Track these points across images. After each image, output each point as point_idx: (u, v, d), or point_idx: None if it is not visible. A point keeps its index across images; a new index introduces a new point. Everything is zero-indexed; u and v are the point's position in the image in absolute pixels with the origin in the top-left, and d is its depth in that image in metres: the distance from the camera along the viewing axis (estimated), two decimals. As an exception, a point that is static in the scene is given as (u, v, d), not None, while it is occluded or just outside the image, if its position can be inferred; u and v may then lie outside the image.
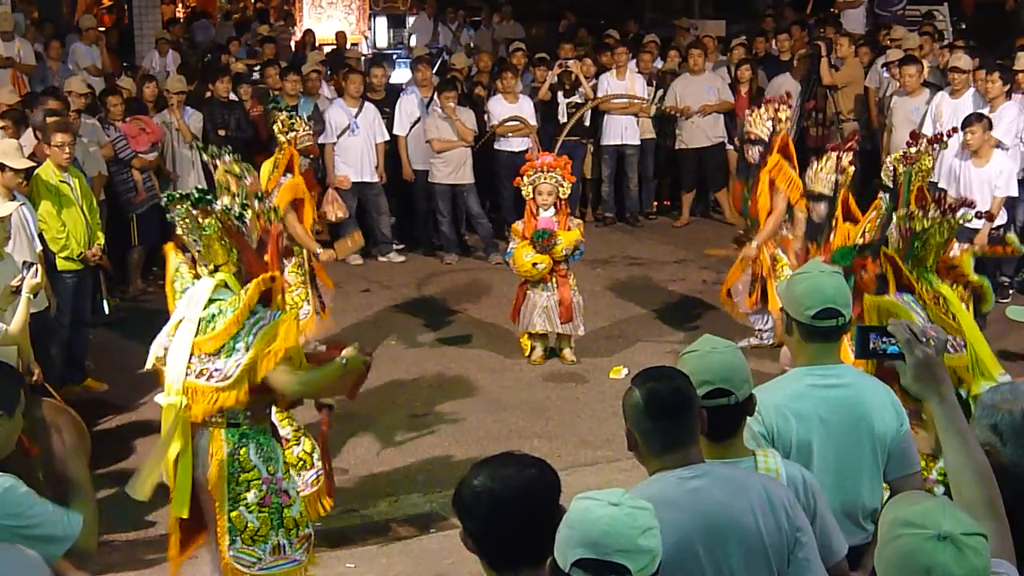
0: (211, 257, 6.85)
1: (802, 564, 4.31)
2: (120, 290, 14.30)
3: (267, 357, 6.61)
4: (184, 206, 6.79)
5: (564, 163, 12.12)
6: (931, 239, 7.40)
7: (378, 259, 16.31)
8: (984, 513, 3.62)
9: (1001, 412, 4.50)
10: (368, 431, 10.54)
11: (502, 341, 12.85)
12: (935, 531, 3.04)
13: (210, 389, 6.67)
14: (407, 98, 16.64)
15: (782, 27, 21.18)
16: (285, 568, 6.96)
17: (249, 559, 6.85)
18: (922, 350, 3.80)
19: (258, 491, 6.81)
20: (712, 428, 4.48)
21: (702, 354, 4.65)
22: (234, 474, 6.81)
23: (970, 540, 3.04)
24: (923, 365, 3.80)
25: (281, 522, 6.88)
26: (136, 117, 14.73)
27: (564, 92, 17.57)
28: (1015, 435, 4.47)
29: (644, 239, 17.61)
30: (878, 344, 3.93)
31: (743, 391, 4.58)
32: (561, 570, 3.35)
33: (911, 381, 3.83)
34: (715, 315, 13.64)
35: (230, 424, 6.81)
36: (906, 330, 3.84)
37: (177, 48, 21.45)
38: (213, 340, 6.69)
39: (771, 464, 4.64)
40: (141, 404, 11.12)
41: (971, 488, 3.68)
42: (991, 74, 13.95)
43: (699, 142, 17.89)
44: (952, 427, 3.80)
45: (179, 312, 6.86)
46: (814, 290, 5.17)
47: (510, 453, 3.86)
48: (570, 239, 11.74)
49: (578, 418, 10.93)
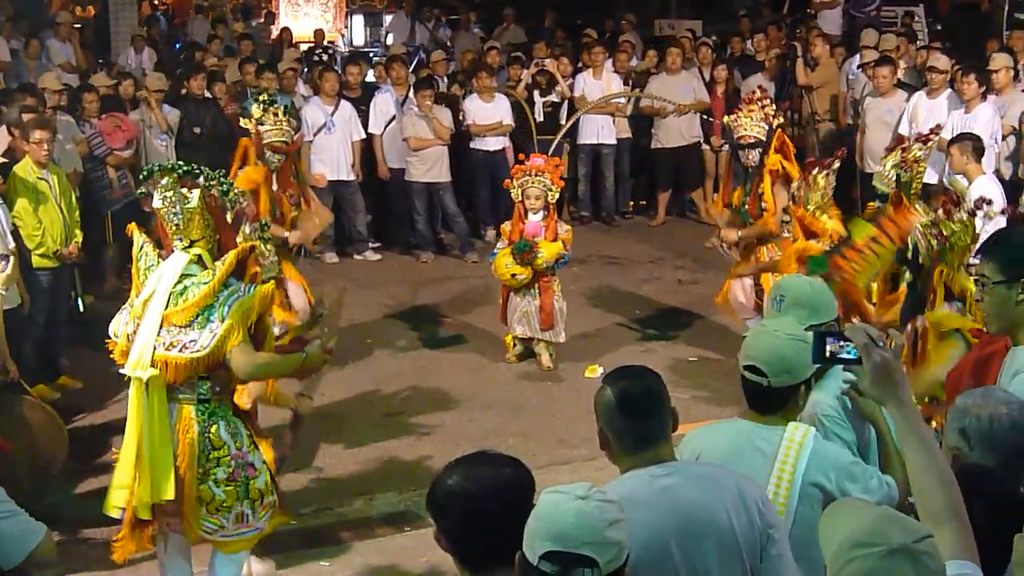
0: (188, 231, 6.86)
1: (775, 561, 4.33)
2: (95, 287, 14.25)
3: (237, 329, 6.64)
4: (171, 178, 6.81)
5: (554, 166, 12.05)
6: (959, 243, 7.38)
7: (354, 257, 16.31)
8: (946, 516, 3.61)
9: (970, 417, 4.53)
10: (343, 429, 10.53)
11: (478, 340, 12.86)
12: (887, 547, 3.03)
13: (183, 360, 6.68)
14: (382, 96, 16.64)
15: (758, 27, 21.24)
16: (248, 536, 7.03)
17: (211, 526, 6.90)
18: (879, 354, 3.78)
19: (227, 467, 6.85)
20: (748, 400, 4.97)
21: (762, 332, 5.02)
22: (205, 451, 6.83)
23: (922, 546, 3.04)
24: (881, 369, 3.78)
25: (247, 493, 6.91)
26: (111, 114, 14.67)
27: (540, 91, 17.57)
28: (981, 440, 4.50)
29: (620, 238, 17.64)
30: (835, 349, 3.92)
31: (780, 379, 4.84)
32: (529, 563, 3.37)
33: (869, 385, 3.82)
34: (690, 314, 13.69)
35: (200, 401, 6.83)
36: (863, 334, 3.83)
37: (154, 45, 21.39)
38: (185, 311, 6.70)
39: (796, 436, 4.87)
40: (116, 401, 11.07)
41: (934, 491, 3.67)
42: (967, 75, 13.99)
43: (675, 142, 17.93)
44: (912, 431, 3.78)
45: (149, 287, 6.86)
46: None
47: (484, 452, 3.88)
48: (551, 252, 11.67)
49: (554, 417, 10.94)
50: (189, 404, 6.83)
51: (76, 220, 11.60)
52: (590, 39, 19.87)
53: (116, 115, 14.71)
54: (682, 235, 17.56)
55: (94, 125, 14.29)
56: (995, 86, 14.37)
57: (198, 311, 6.71)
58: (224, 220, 7.00)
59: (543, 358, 12.13)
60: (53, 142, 11.54)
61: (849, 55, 18.55)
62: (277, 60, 18.27)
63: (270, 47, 23.23)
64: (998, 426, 4.50)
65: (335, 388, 11.00)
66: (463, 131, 16.82)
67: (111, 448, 10.17)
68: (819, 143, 17.27)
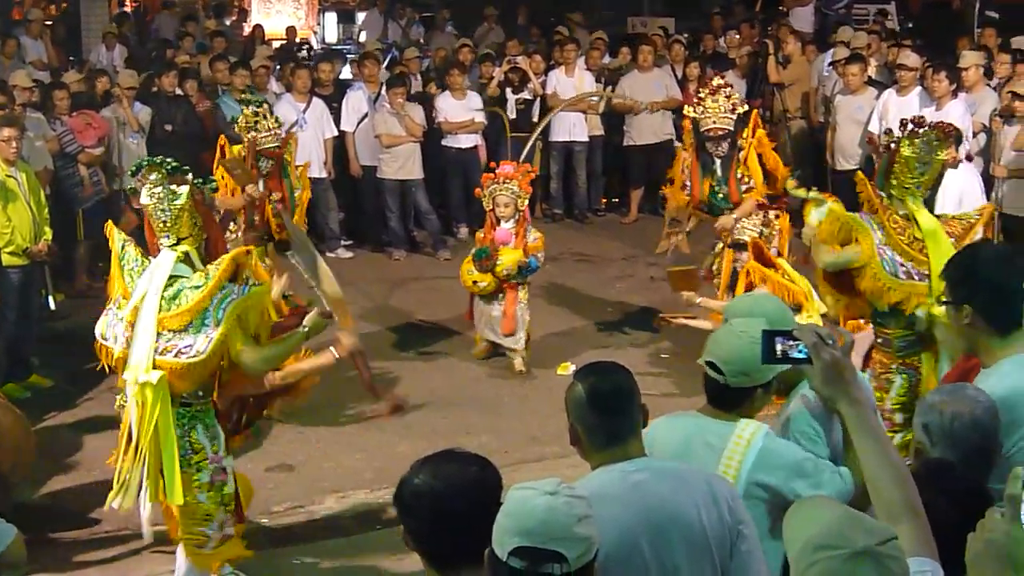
0: (176, 228, 6.84)
1: (745, 557, 4.33)
2: (66, 286, 14.20)
3: (235, 332, 6.64)
4: (161, 174, 6.79)
5: (523, 173, 12.04)
6: (902, 152, 7.77)
7: (326, 255, 16.20)
8: (903, 513, 3.62)
9: (934, 413, 4.56)
10: (315, 427, 10.52)
11: (450, 338, 12.86)
12: (850, 549, 3.02)
13: (179, 365, 6.67)
14: (354, 94, 16.63)
15: (731, 25, 21.27)
16: (225, 545, 7.08)
17: (199, 540, 6.91)
18: (829, 353, 3.79)
19: (207, 471, 6.86)
20: (707, 395, 5.02)
21: (727, 330, 5.05)
22: (186, 456, 6.83)
23: (886, 548, 3.03)
24: (831, 368, 3.79)
25: (222, 500, 6.93)
26: (82, 112, 14.61)
27: (513, 89, 17.56)
28: (943, 437, 4.53)
29: (592, 236, 17.65)
30: (785, 348, 3.91)
31: (736, 380, 4.88)
32: (499, 559, 3.37)
33: (820, 385, 3.84)
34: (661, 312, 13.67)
35: (183, 404, 6.82)
36: (813, 334, 3.84)
37: (125, 43, 21.30)
38: (180, 316, 6.70)
39: (745, 434, 4.89)
40: (87, 400, 11.07)
41: (890, 490, 3.67)
42: (937, 73, 14.03)
43: (647, 139, 17.93)
44: (865, 428, 3.79)
45: (140, 289, 6.84)
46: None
47: (451, 451, 3.86)
48: (510, 259, 11.62)
49: (526, 414, 10.96)
50: (173, 407, 6.83)
51: (45, 218, 11.54)
52: (562, 36, 19.86)
53: (87, 113, 14.65)
54: (654, 232, 17.37)
55: (65, 123, 14.21)
56: (965, 84, 14.42)
57: (192, 317, 6.70)
58: (212, 218, 7.02)
59: (516, 362, 12.10)
60: (21, 140, 11.49)
61: (821, 53, 18.59)
62: (249, 57, 18.21)
63: (242, 44, 23.18)
64: (959, 425, 4.53)
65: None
66: (435, 128, 16.79)
67: (82, 447, 10.19)
68: (791, 140, 17.32)
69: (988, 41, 17.81)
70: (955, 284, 5.15)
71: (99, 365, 7.24)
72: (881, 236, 7.68)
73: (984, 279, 5.01)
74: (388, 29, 25.27)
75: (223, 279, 6.73)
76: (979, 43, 17.64)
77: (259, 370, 6.94)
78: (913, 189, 7.79)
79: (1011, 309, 5.02)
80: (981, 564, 3.03)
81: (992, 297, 4.98)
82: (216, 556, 7.13)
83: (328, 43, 27.93)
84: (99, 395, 10.98)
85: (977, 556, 3.04)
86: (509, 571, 3.36)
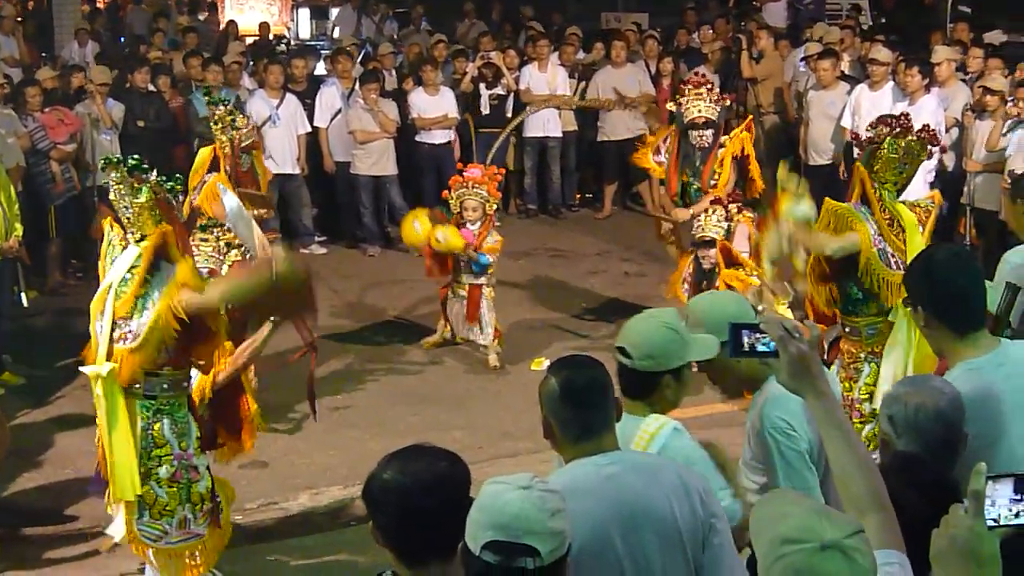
0: (139, 226, 6.80)
1: (717, 550, 4.33)
2: (38, 282, 14.16)
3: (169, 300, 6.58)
4: (121, 171, 6.76)
5: (491, 177, 12.05)
6: (885, 150, 7.91)
7: (300, 251, 16.21)
8: (870, 505, 3.61)
9: (899, 405, 4.58)
10: (288, 423, 10.49)
11: (424, 334, 12.82)
12: (818, 543, 2.99)
13: (124, 351, 6.65)
14: (327, 90, 16.59)
15: (704, 20, 21.29)
16: (189, 543, 6.99)
17: (155, 532, 6.88)
18: (796, 346, 3.77)
19: (169, 467, 6.83)
20: (619, 383, 4.84)
21: (639, 316, 5.05)
22: (147, 449, 6.80)
23: (853, 541, 3.01)
24: (798, 361, 3.77)
25: (188, 497, 6.89)
26: (55, 108, 14.56)
27: (486, 84, 17.56)
28: (907, 429, 4.55)
29: (566, 231, 17.65)
30: (752, 341, 3.88)
31: (643, 363, 4.83)
32: (472, 554, 3.37)
33: (786, 378, 3.81)
34: (636, 307, 13.65)
35: (146, 396, 6.79)
36: (779, 327, 3.81)
37: (97, 39, 21.23)
38: (124, 303, 6.68)
39: (651, 428, 4.83)
40: (59, 397, 11.04)
41: (856, 482, 3.66)
42: (910, 68, 14.09)
43: (621, 134, 17.90)
44: (831, 422, 3.77)
45: (106, 281, 6.84)
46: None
47: (420, 446, 3.85)
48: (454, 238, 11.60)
49: (500, 410, 10.96)
50: (136, 399, 6.80)
51: (16, 214, 11.46)
52: (535, 32, 19.86)
53: (59, 109, 14.60)
54: (628, 228, 17.57)
55: (37, 119, 14.14)
56: (938, 79, 14.47)
57: (135, 299, 6.68)
58: (175, 216, 6.95)
59: (490, 358, 12.11)
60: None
61: (794, 48, 18.62)
62: (222, 54, 18.16)
63: (215, 40, 23.11)
64: (923, 416, 4.55)
65: (280, 382, 10.93)
66: (409, 124, 16.78)
67: (54, 445, 10.17)
68: (764, 136, 17.34)
69: (961, 36, 17.87)
70: (912, 286, 5.19)
71: (71, 362, 7.22)
72: (875, 227, 7.79)
73: (938, 280, 5.01)
74: (362, 25, 25.23)
75: (149, 260, 6.69)
76: (952, 38, 17.70)
77: (224, 298, 6.70)
78: (891, 186, 7.96)
79: (966, 310, 5.03)
80: (945, 560, 3.04)
81: (947, 299, 4.98)
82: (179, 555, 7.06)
83: (301, 39, 27.86)
84: (71, 392, 10.95)
85: (941, 552, 3.05)
86: (482, 565, 3.36)
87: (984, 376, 4.90)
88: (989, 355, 4.97)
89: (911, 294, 5.19)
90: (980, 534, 2.98)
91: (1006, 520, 3.00)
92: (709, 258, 10.29)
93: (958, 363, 4.98)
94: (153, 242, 6.69)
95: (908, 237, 7.84)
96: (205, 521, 7.00)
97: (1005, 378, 4.93)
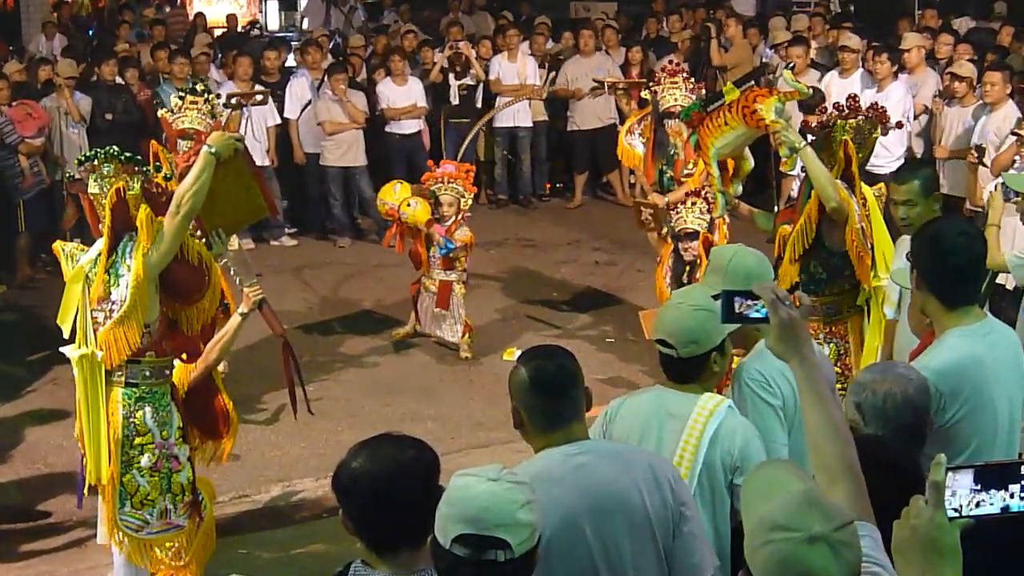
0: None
1: (687, 538, 4.35)
2: (7, 277, 14.10)
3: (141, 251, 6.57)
4: (113, 164, 6.73)
5: (466, 172, 12.07)
6: (836, 133, 8.10)
7: (270, 243, 16.19)
8: (841, 472, 3.65)
9: (866, 392, 4.63)
10: (260, 415, 10.49)
11: (395, 324, 12.81)
12: (806, 534, 3.00)
13: (110, 328, 6.62)
14: (297, 81, 16.54)
15: (672, 8, 21.30)
16: (170, 533, 7.00)
17: (136, 522, 6.87)
18: (786, 311, 3.82)
19: (151, 456, 6.81)
20: (664, 371, 5.06)
21: (667, 305, 5.14)
22: (129, 437, 6.79)
23: (841, 535, 3.01)
24: (787, 326, 3.81)
25: (169, 487, 6.89)
26: (23, 102, 14.47)
27: (455, 74, 17.53)
28: (875, 416, 4.59)
29: (537, 221, 17.64)
30: (744, 308, 3.93)
31: (687, 350, 4.91)
32: (442, 547, 3.37)
33: (775, 342, 3.86)
34: (607, 296, 13.73)
35: (128, 384, 6.77)
36: (770, 291, 3.86)
37: (64, 32, 21.12)
38: (99, 283, 6.65)
39: (708, 405, 4.93)
40: (29, 392, 10.99)
41: (828, 447, 3.71)
42: (879, 55, 14.14)
43: (591, 124, 17.91)
44: (811, 387, 3.82)
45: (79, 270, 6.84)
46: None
47: (388, 435, 3.88)
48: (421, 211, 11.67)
49: (471, 400, 10.97)
50: (117, 387, 6.78)
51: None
52: (505, 22, 19.82)
53: (27, 103, 14.51)
54: (599, 217, 17.59)
55: (4, 113, 14.07)
56: (907, 65, 14.52)
57: (107, 274, 6.66)
58: (163, 206, 6.92)
59: (461, 350, 12.10)
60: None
61: (764, 36, 18.65)
62: (190, 46, 18.09)
63: (183, 32, 23.01)
64: (891, 404, 4.61)
65: (250, 374, 10.94)
66: (378, 115, 16.75)
67: (24, 439, 10.14)
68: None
69: (929, 22, 17.93)
70: (916, 251, 5.32)
71: (41, 356, 7.20)
72: (857, 204, 7.92)
73: (941, 255, 5.13)
74: (331, 16, 25.16)
75: (110, 236, 6.67)
76: (920, 24, 17.75)
77: (189, 205, 6.59)
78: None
79: (963, 288, 5.19)
80: (906, 551, 3.04)
81: (946, 274, 5.14)
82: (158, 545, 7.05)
83: (270, 31, 27.75)
84: (41, 387, 10.93)
85: (902, 543, 3.06)
86: (452, 559, 3.36)
87: (974, 343, 5.11)
88: (976, 324, 5.18)
89: (913, 255, 5.34)
90: (941, 525, 2.98)
91: (967, 511, 3.01)
92: (691, 250, 10.26)
93: (948, 329, 5.15)
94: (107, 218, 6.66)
95: (872, 217, 8.04)
96: (185, 513, 7.00)
97: (991, 347, 5.15)
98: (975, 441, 5.04)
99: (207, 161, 6.69)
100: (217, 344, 7.33)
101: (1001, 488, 3.01)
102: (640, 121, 11.57)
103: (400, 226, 11.88)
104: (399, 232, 11.94)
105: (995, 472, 3.04)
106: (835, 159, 8.04)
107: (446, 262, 11.82)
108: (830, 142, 8.09)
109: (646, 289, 12.14)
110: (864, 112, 8.16)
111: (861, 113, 8.14)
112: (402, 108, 16.75)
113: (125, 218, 6.69)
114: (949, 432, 4.99)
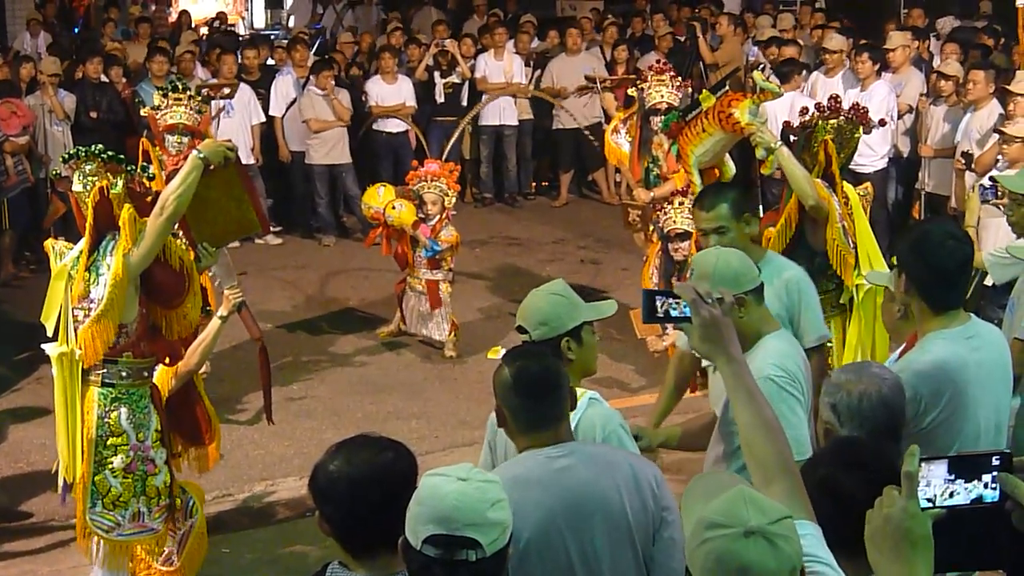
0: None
1: (667, 543, 4.34)
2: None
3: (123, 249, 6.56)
4: (95, 162, 6.73)
5: (450, 171, 12.08)
6: (818, 134, 8.19)
7: (255, 241, 16.13)
8: (776, 470, 3.65)
9: (841, 392, 4.62)
10: (243, 413, 10.48)
11: (380, 323, 12.80)
12: (741, 528, 2.97)
13: (88, 325, 6.61)
14: (283, 79, 16.53)
15: (659, 7, 21.31)
16: (142, 536, 6.95)
17: (107, 523, 6.83)
18: (708, 310, 3.82)
19: (124, 457, 6.78)
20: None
21: (532, 293, 5.14)
22: (103, 437, 6.76)
23: (777, 528, 2.99)
24: (710, 325, 3.82)
25: (144, 490, 6.86)
26: (7, 100, 14.42)
27: (441, 72, 17.53)
28: (851, 417, 4.59)
29: (522, 219, 17.64)
30: (666, 307, 3.92)
31: (538, 332, 4.91)
32: (413, 548, 3.35)
33: (698, 341, 3.86)
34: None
35: (105, 384, 6.75)
36: (691, 290, 3.86)
37: (49, 29, 21.07)
38: (80, 281, 6.65)
39: None
40: (13, 391, 10.96)
41: (762, 445, 3.71)
42: (861, 54, 14.14)
43: (577, 122, 17.91)
44: (741, 386, 3.82)
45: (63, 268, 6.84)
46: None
47: (366, 436, 3.86)
48: (407, 213, 11.69)
49: (456, 399, 10.96)
50: (94, 386, 6.77)
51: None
52: (492, 20, 19.82)
53: (11, 101, 14.47)
54: (584, 215, 17.61)
55: (-11, 111, 14.06)
56: (892, 64, 14.53)
57: (87, 272, 6.65)
58: (147, 206, 6.91)
59: (446, 349, 12.10)
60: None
61: (746, 33, 18.68)
62: (176, 43, 18.05)
63: (169, 30, 22.98)
64: (867, 404, 4.60)
65: (235, 373, 10.93)
66: (365, 113, 16.74)
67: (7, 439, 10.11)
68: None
69: (915, 22, 17.93)
70: (901, 254, 5.30)
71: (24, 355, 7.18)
72: (838, 203, 7.96)
73: (927, 259, 5.13)
74: (319, 14, 25.15)
75: (91, 234, 6.66)
76: (905, 24, 17.75)
77: (175, 205, 6.61)
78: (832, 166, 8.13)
79: (948, 292, 5.20)
80: (879, 541, 3.03)
81: (932, 279, 5.14)
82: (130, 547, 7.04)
83: (256, 28, 27.75)
84: (25, 385, 10.91)
85: (875, 533, 3.05)
86: (424, 560, 3.34)
87: (957, 346, 5.12)
88: (961, 327, 5.18)
89: (899, 258, 5.31)
90: (914, 515, 2.98)
91: (941, 501, 3.01)
92: (682, 250, 10.26)
93: (931, 331, 5.16)
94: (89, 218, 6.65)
95: (856, 216, 8.06)
96: (160, 517, 6.95)
97: (974, 350, 5.16)
98: (957, 443, 5.03)
99: (194, 165, 6.66)
100: (198, 348, 7.31)
101: (974, 479, 3.01)
102: (626, 120, 11.58)
103: (386, 229, 11.89)
104: (385, 235, 11.93)
105: (969, 463, 3.04)
106: (816, 159, 8.08)
107: (432, 262, 11.82)
108: (811, 142, 8.13)
109: (631, 287, 12.17)
110: (845, 113, 8.21)
111: (842, 113, 8.19)
112: (391, 107, 16.74)
113: (108, 217, 6.68)
114: (931, 435, 4.99)
